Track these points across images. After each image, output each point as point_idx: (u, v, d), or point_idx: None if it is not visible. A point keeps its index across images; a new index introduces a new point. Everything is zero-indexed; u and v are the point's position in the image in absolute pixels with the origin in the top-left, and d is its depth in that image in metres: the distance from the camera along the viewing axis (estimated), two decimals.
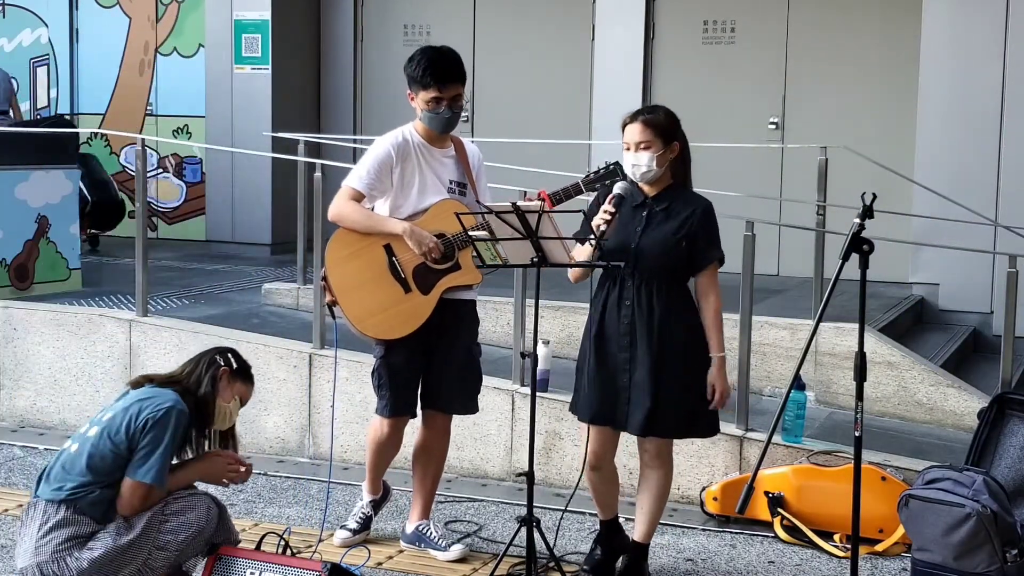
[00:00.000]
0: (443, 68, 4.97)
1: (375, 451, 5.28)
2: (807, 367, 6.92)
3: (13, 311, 7.46)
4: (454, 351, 5.12)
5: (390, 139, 5.07)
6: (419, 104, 5.02)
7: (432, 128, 5.05)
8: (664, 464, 4.84)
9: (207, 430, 4.54)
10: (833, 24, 9.78)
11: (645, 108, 4.79)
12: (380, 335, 5.02)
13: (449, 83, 4.97)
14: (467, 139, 5.29)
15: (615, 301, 4.73)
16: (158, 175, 11.42)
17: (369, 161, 5.03)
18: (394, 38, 11.01)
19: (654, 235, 4.66)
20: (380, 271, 4.96)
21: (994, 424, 5.42)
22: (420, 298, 4.98)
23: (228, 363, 4.54)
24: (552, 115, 10.42)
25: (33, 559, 4.26)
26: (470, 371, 5.21)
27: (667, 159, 4.67)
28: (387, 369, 5.10)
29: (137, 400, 4.35)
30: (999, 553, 4.76)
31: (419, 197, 5.03)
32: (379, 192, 5.03)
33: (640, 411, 4.67)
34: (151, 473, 4.26)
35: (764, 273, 8.34)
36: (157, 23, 11.43)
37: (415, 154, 5.05)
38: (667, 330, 4.65)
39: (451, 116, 5.01)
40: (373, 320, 4.98)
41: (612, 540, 5.02)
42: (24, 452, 6.85)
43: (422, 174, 5.05)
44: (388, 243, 4.97)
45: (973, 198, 8.61)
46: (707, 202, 4.74)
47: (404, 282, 4.97)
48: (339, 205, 5.00)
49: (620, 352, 4.72)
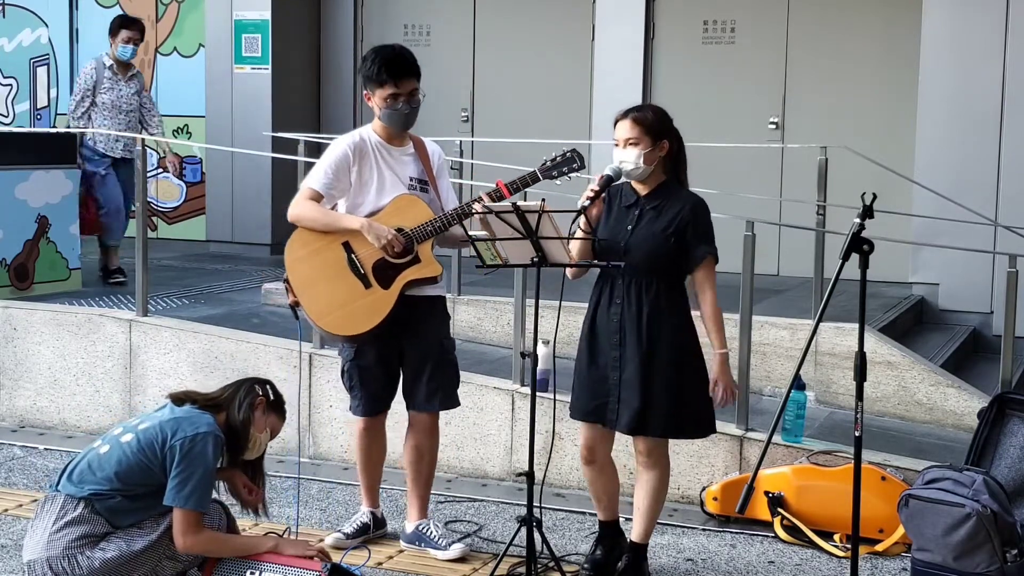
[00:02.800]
0: (397, 64, 5.03)
1: (360, 451, 5.34)
2: (807, 367, 6.92)
3: (13, 311, 7.46)
4: (425, 348, 5.15)
5: (347, 139, 5.15)
6: (377, 103, 5.08)
7: (391, 125, 5.09)
8: (656, 464, 4.82)
9: (238, 458, 4.56)
10: (833, 24, 9.78)
11: (636, 106, 4.81)
12: (341, 331, 5.06)
13: (404, 78, 5.02)
14: (428, 139, 5.31)
15: (607, 299, 4.75)
16: (158, 175, 11.42)
17: (327, 162, 5.10)
18: (394, 38, 10.97)
19: (643, 233, 4.67)
20: (339, 268, 5.00)
21: (994, 424, 5.43)
22: (381, 292, 5.00)
23: (266, 394, 4.58)
24: (552, 114, 10.42)
25: (44, 552, 4.26)
26: (444, 366, 5.22)
27: (655, 157, 4.68)
28: (357, 371, 5.18)
29: (175, 419, 4.36)
30: (999, 553, 4.76)
31: (378, 196, 5.08)
32: (338, 192, 5.08)
33: (629, 410, 4.67)
34: (192, 498, 4.27)
35: (764, 273, 8.33)
36: (157, 23, 11.44)
37: (373, 153, 5.10)
38: (656, 329, 4.65)
39: (409, 112, 5.06)
40: (333, 316, 5.01)
41: (612, 544, 5.01)
42: (24, 452, 6.85)
43: (380, 173, 5.10)
44: (347, 240, 5.00)
45: (973, 198, 8.61)
46: (699, 199, 4.74)
47: (364, 277, 4.99)
48: (297, 205, 5.07)
49: (611, 350, 4.73)
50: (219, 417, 4.45)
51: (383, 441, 5.37)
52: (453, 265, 7.82)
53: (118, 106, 8.72)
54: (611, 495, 5.00)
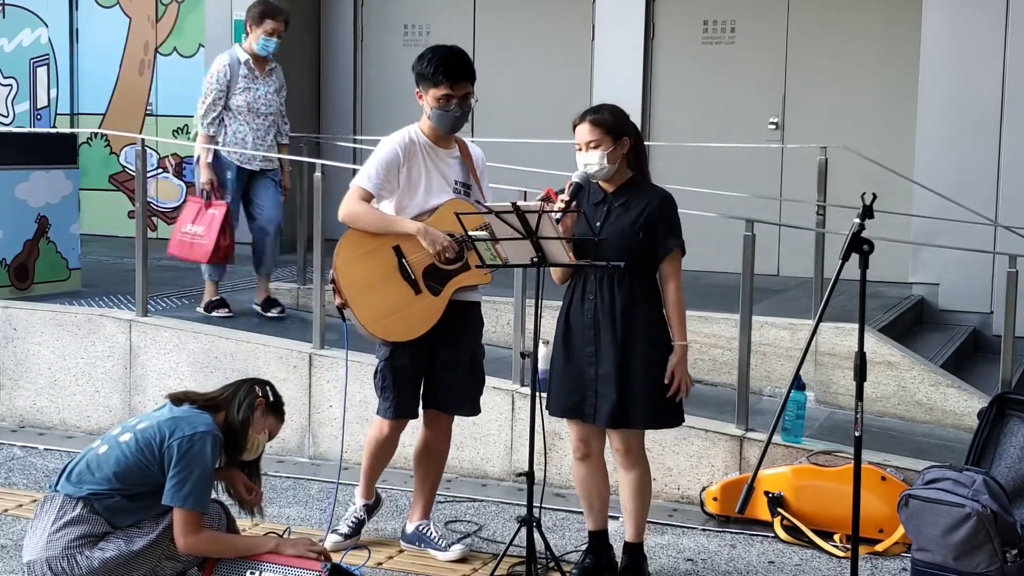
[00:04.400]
0: (455, 65, 4.98)
1: (373, 452, 5.26)
2: (807, 367, 6.92)
3: (13, 311, 7.46)
4: (460, 353, 5.12)
5: (397, 139, 5.06)
6: (428, 102, 5.01)
7: (441, 127, 5.04)
8: (635, 463, 4.83)
9: (235, 458, 4.56)
10: (833, 24, 9.78)
11: (591, 108, 4.84)
12: (392, 337, 5.00)
13: (460, 80, 4.98)
14: (469, 140, 5.29)
15: (579, 296, 4.78)
16: (158, 175, 11.42)
17: (377, 161, 5.02)
18: (394, 38, 11.01)
19: (612, 229, 4.71)
20: (390, 272, 4.95)
21: (994, 424, 5.43)
22: (431, 299, 4.97)
23: (266, 395, 4.57)
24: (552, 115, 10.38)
25: (43, 553, 4.26)
26: (475, 374, 5.21)
27: (619, 155, 4.73)
28: (392, 371, 5.08)
29: (173, 419, 4.36)
30: (999, 553, 4.76)
31: (425, 197, 5.03)
32: (387, 192, 5.02)
33: (607, 403, 4.70)
34: (191, 498, 4.27)
35: (764, 273, 8.33)
36: (157, 23, 11.44)
37: (421, 154, 5.05)
38: (629, 322, 4.68)
39: (460, 115, 5.02)
40: (384, 322, 4.97)
41: (601, 556, 5.00)
42: (24, 452, 6.85)
43: (428, 174, 5.05)
44: (398, 244, 4.96)
45: (973, 198, 8.60)
46: (665, 193, 4.79)
47: (414, 283, 4.96)
48: (350, 206, 4.98)
49: (585, 346, 4.75)
50: (218, 417, 4.45)
51: (396, 447, 5.31)
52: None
53: (255, 109, 7.45)
54: (603, 498, 4.99)
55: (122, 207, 11.52)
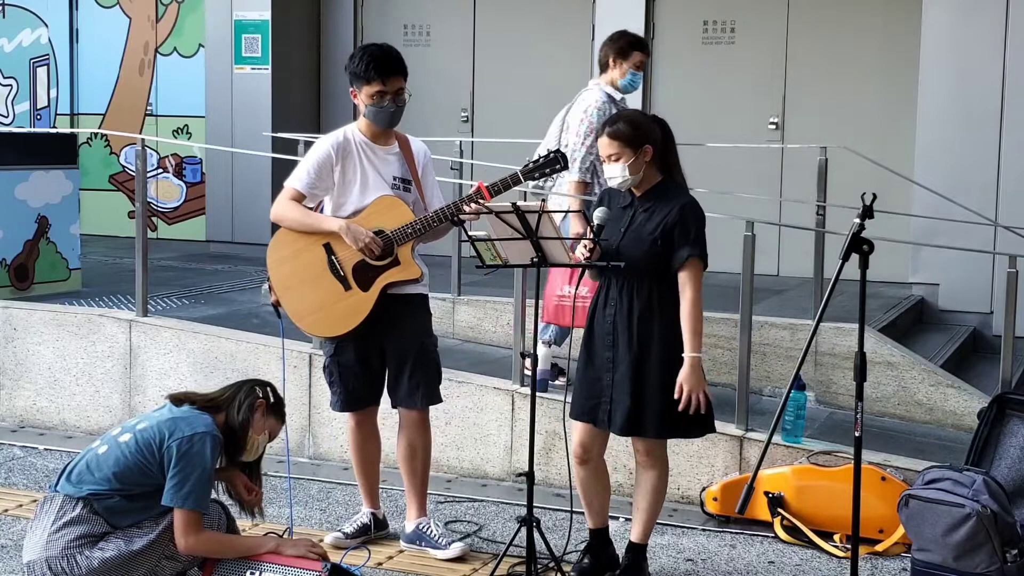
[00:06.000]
0: (386, 62, 5.04)
1: (354, 449, 5.38)
2: (807, 367, 6.92)
3: (13, 311, 7.46)
4: (406, 345, 5.16)
5: (331, 139, 5.15)
6: (363, 100, 5.08)
7: (376, 123, 5.09)
8: (656, 464, 4.82)
9: (235, 459, 4.56)
10: (833, 24, 9.78)
11: (609, 119, 4.80)
12: (320, 332, 5.16)
13: (392, 76, 5.03)
14: (414, 137, 5.31)
15: (603, 301, 4.77)
16: (158, 175, 11.42)
17: (309, 162, 5.12)
18: (394, 38, 10.98)
19: (633, 236, 4.68)
20: (320, 270, 5.03)
21: (994, 424, 5.43)
22: (360, 295, 5.02)
23: (266, 396, 4.58)
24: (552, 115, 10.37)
25: (43, 553, 4.26)
26: (425, 363, 5.21)
27: (641, 164, 4.67)
28: (337, 366, 5.22)
29: (173, 419, 4.37)
30: (999, 553, 4.76)
31: (361, 195, 5.09)
32: (321, 191, 5.12)
33: (621, 411, 4.68)
34: (191, 498, 4.28)
35: (764, 273, 8.33)
36: (157, 23, 11.44)
37: (357, 152, 5.11)
38: (645, 329, 4.66)
39: (395, 110, 5.07)
40: (312, 318, 5.08)
41: (601, 553, 5.00)
42: (24, 452, 6.85)
43: (364, 172, 5.11)
44: (328, 242, 5.03)
45: (973, 198, 8.60)
46: (689, 200, 4.71)
47: (344, 280, 5.03)
48: (279, 206, 5.13)
49: (604, 351, 4.74)
50: (218, 418, 4.45)
51: (376, 440, 5.38)
52: (453, 265, 7.83)
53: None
54: (602, 499, 4.99)
55: (122, 207, 11.53)
